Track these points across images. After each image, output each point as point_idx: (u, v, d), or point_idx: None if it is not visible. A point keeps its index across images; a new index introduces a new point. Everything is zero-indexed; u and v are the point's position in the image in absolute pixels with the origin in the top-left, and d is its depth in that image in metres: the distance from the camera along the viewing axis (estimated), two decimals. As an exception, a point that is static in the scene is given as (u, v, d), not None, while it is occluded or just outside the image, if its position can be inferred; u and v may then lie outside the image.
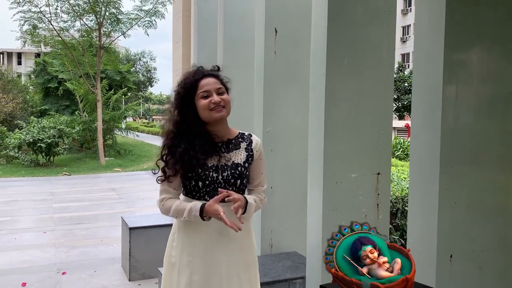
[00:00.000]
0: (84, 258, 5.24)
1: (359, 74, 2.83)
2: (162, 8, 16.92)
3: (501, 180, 2.55)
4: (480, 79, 2.50)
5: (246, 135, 2.05)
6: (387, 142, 2.93)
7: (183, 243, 1.95)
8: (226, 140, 1.98)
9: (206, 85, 1.90)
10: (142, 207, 8.64)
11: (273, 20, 3.72)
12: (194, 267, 1.91)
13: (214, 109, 1.88)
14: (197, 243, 1.92)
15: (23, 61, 57.55)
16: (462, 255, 2.45)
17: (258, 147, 2.03)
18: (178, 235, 1.98)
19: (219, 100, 1.88)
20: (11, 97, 18.63)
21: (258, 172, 2.03)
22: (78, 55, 17.61)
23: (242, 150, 1.98)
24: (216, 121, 1.92)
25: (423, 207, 2.48)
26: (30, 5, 15.89)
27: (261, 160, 2.04)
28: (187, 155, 1.88)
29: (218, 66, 2.04)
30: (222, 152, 1.94)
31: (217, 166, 1.91)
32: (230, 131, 2.02)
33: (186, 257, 1.93)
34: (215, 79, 1.94)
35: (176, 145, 1.91)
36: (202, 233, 1.91)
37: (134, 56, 55.79)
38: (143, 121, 55.45)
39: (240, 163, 1.95)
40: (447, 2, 2.37)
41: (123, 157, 18.19)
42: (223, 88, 1.94)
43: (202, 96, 1.89)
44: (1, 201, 8.98)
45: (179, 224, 1.99)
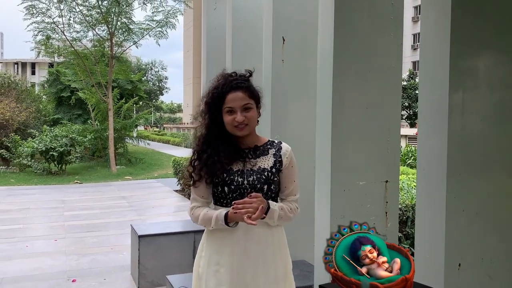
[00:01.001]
0: (94, 265, 5.26)
1: (366, 82, 2.83)
2: (174, 19, 17.12)
3: (510, 187, 2.52)
4: (486, 86, 2.49)
5: (276, 142, 2.02)
6: (395, 150, 2.92)
7: (210, 253, 1.94)
8: (254, 146, 1.97)
9: (231, 101, 1.88)
10: (152, 215, 8.67)
11: (281, 28, 3.75)
12: (220, 277, 1.89)
13: (237, 127, 1.88)
14: (224, 252, 1.90)
15: (37, 71, 58.50)
16: (470, 264, 2.41)
17: (288, 154, 1.98)
18: (207, 244, 1.97)
19: (242, 119, 1.86)
20: (25, 106, 18.89)
21: (290, 180, 1.99)
22: (90, 64, 17.86)
23: (270, 156, 1.96)
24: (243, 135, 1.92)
25: (430, 215, 2.45)
26: (43, 16, 16.21)
27: (292, 167, 1.99)
28: (211, 159, 1.89)
29: (250, 72, 1.98)
30: (248, 157, 1.94)
31: (243, 171, 1.91)
32: (258, 139, 2.01)
33: (213, 266, 1.91)
34: (243, 93, 1.89)
35: (203, 151, 1.93)
36: (229, 243, 1.90)
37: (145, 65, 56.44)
38: (154, 129, 55.85)
39: (267, 168, 1.92)
40: (453, 10, 2.37)
41: (134, 165, 18.31)
42: (250, 103, 1.90)
43: (227, 111, 1.89)
44: (14, 209, 9.08)
45: (208, 233, 1.98)
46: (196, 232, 4.66)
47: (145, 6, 16.60)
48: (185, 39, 50.29)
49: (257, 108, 1.95)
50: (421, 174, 2.59)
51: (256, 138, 2.00)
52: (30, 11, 15.88)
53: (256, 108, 1.95)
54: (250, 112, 1.90)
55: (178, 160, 11.24)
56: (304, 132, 3.87)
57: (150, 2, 16.58)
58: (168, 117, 70.50)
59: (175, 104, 77.56)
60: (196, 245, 4.58)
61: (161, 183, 13.24)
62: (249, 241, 1.88)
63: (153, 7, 16.79)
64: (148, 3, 16.57)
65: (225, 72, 1.98)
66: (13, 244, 6.28)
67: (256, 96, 1.96)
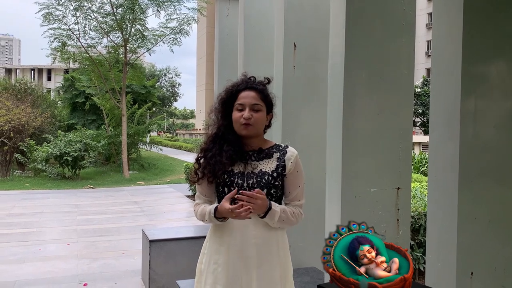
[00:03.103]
0: (106, 270, 5.30)
1: (378, 88, 2.82)
2: (187, 26, 17.25)
3: (524, 196, 2.48)
4: (499, 92, 2.45)
5: (282, 146, 2.01)
6: (407, 157, 2.89)
7: (211, 251, 1.97)
8: (258, 149, 1.97)
9: (243, 98, 1.91)
10: (164, 220, 8.71)
11: (292, 34, 3.75)
12: (218, 276, 1.91)
13: (242, 124, 1.90)
14: (222, 252, 1.93)
15: (53, 77, 59.43)
16: (483, 273, 2.37)
17: (294, 159, 1.97)
18: (209, 243, 2.01)
19: (249, 116, 1.89)
20: (40, 111, 19.13)
21: (294, 185, 1.97)
22: (104, 71, 18.08)
23: (274, 160, 1.95)
24: (247, 135, 1.93)
25: (442, 223, 2.42)
26: (60, 23, 16.48)
27: (297, 173, 1.97)
28: (214, 159, 1.92)
29: (268, 79, 2.01)
30: (251, 160, 1.94)
31: (243, 173, 1.92)
32: (265, 142, 2.01)
33: (212, 265, 1.95)
34: (256, 93, 1.93)
35: (209, 149, 1.96)
36: (226, 244, 1.92)
37: (159, 71, 56.91)
38: (167, 135, 56.20)
39: (268, 172, 1.92)
40: (465, 16, 2.34)
41: (146, 170, 18.43)
42: (260, 105, 1.92)
43: (237, 108, 1.92)
44: (28, 213, 9.20)
45: (210, 232, 2.02)
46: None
47: (159, 13, 16.77)
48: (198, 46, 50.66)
49: (267, 114, 1.97)
50: (432, 181, 2.55)
51: (263, 141, 2.01)
52: (47, 18, 16.15)
53: (267, 114, 1.96)
54: (258, 113, 1.92)
55: (190, 165, 11.28)
56: (315, 138, 3.86)
57: (164, 9, 16.75)
58: (181, 123, 70.91)
59: (188, 110, 78.03)
60: (206, 250, 4.59)
61: (173, 188, 13.30)
62: (245, 243, 1.89)
63: (167, 14, 16.97)
64: (162, 11, 16.74)
65: (246, 74, 2.02)
66: (26, 247, 6.35)
67: (268, 102, 1.97)
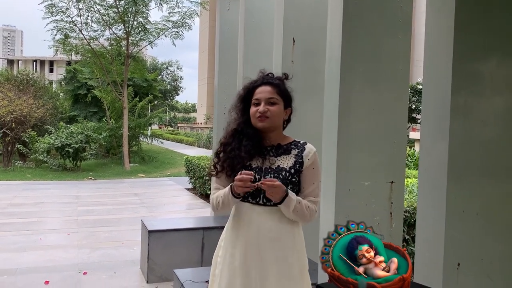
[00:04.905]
0: (105, 259, 5.37)
1: (374, 84, 2.87)
2: (190, 20, 17.25)
3: (510, 189, 2.53)
4: (489, 90, 2.50)
5: (301, 143, 2.02)
6: (401, 151, 2.94)
7: (227, 245, 2.00)
8: (277, 145, 1.99)
9: (259, 93, 1.94)
10: (164, 212, 8.79)
11: (291, 30, 3.80)
12: (235, 269, 1.93)
13: (258, 118, 1.93)
14: (237, 246, 1.95)
15: (55, 68, 59.48)
16: (470, 264, 2.43)
17: (311, 155, 1.97)
18: (226, 235, 2.03)
19: (265, 110, 1.91)
20: (42, 103, 19.19)
21: (309, 181, 1.97)
22: (106, 63, 18.12)
23: (292, 156, 1.97)
24: (264, 128, 1.96)
25: (431, 215, 2.48)
26: (62, 15, 16.50)
27: (313, 169, 1.98)
28: (233, 153, 1.95)
29: (286, 75, 2.04)
30: (269, 155, 1.97)
31: (261, 168, 1.94)
32: (284, 138, 2.03)
33: (228, 257, 1.97)
34: (272, 88, 1.95)
35: (228, 143, 1.99)
36: (243, 238, 1.94)
37: (161, 65, 56.84)
38: (169, 128, 56.24)
39: (285, 168, 1.94)
40: (456, 14, 2.39)
41: (147, 163, 18.52)
42: (276, 98, 1.94)
43: (254, 103, 1.95)
44: (29, 203, 9.28)
45: (228, 225, 2.04)
46: (205, 229, 4.73)
47: (161, 6, 16.77)
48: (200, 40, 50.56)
49: (285, 109, 1.98)
50: (422, 174, 2.61)
51: (282, 137, 2.03)
52: (50, 10, 16.17)
53: (284, 108, 1.98)
54: (274, 106, 1.93)
55: (191, 159, 11.34)
56: (313, 133, 3.90)
57: (167, 2, 16.75)
58: (182, 117, 70.93)
59: (189, 104, 78.03)
60: (204, 241, 4.66)
61: (173, 181, 13.37)
62: (262, 237, 1.91)
63: (169, 7, 16.97)
64: (165, 4, 16.74)
65: (263, 71, 2.05)
66: (27, 237, 6.43)
67: (285, 96, 1.99)
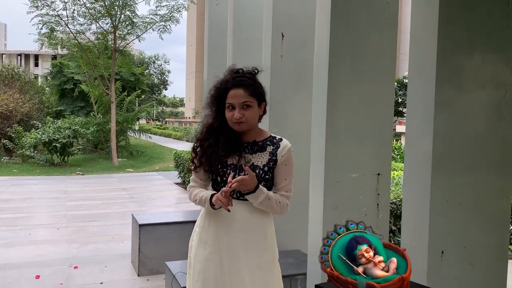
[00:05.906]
0: (95, 253, 5.39)
1: (361, 77, 2.92)
2: (177, 14, 17.15)
3: (493, 180, 2.62)
4: (471, 84, 2.58)
5: (276, 139, 2.05)
6: (387, 144, 3.01)
7: (201, 231, 2.08)
8: (252, 141, 2.03)
9: (232, 98, 1.96)
10: (153, 206, 8.80)
11: (280, 24, 3.84)
12: (208, 255, 2.01)
13: (235, 123, 1.97)
14: (210, 233, 2.03)
15: (40, 63, 58.67)
16: (453, 252, 2.52)
17: (285, 152, 2.01)
18: (199, 222, 2.12)
19: (240, 116, 1.94)
20: (28, 98, 18.98)
21: (282, 177, 2.02)
22: (93, 57, 17.94)
23: (266, 154, 2.01)
24: (241, 130, 2.00)
25: (415, 205, 2.56)
26: (48, 8, 16.28)
27: (286, 166, 2.01)
28: (210, 150, 2.01)
29: (256, 70, 2.04)
30: (245, 152, 2.02)
31: (236, 165, 2.00)
32: (260, 134, 2.07)
33: (202, 243, 2.05)
34: (244, 91, 1.95)
35: (205, 139, 2.05)
36: (214, 225, 2.02)
37: (148, 59, 56.39)
38: (156, 123, 55.93)
39: (259, 166, 1.98)
40: (441, 9, 2.45)
41: (135, 158, 18.44)
42: (249, 101, 1.96)
43: (227, 106, 1.98)
44: (16, 198, 9.22)
45: (202, 212, 2.12)
46: (195, 222, 4.77)
47: (149, 0, 16.65)
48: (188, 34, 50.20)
49: (259, 106, 2.01)
50: (408, 166, 2.69)
51: (258, 133, 2.06)
52: (35, 4, 15.95)
53: (259, 105, 2.00)
54: (249, 110, 1.96)
55: (179, 153, 11.35)
56: (302, 127, 3.96)
57: (154, -5, 16.63)
58: (170, 111, 70.57)
59: (177, 98, 77.61)
60: (195, 234, 4.70)
61: (162, 176, 13.36)
62: (230, 227, 1.98)
63: (156, 0, 16.84)
64: (152, -3, 16.61)
65: (234, 67, 2.05)
66: (16, 232, 6.41)
67: (258, 94, 2.00)
